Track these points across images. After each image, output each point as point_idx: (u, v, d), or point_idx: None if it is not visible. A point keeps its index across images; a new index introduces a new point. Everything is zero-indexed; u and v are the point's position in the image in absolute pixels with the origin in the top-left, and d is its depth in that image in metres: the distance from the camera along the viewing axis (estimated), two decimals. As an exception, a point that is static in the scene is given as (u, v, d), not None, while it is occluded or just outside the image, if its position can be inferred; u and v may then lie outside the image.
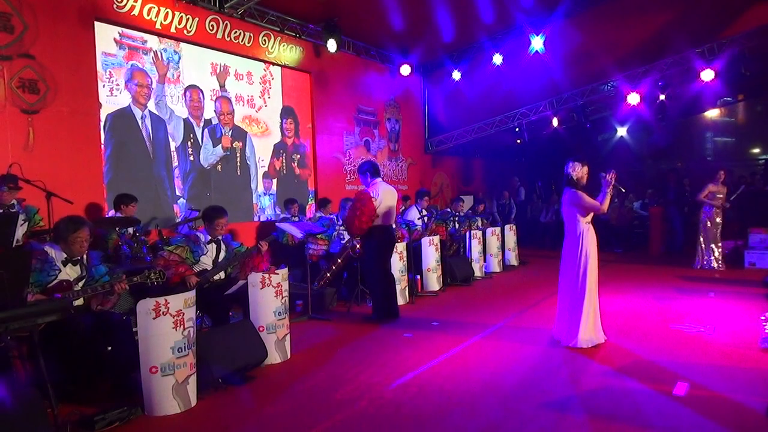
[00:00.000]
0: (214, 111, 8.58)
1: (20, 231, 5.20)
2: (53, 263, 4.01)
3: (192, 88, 8.23)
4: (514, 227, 10.82)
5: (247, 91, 9.15)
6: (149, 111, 7.62)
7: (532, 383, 4.19)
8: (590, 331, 5.00)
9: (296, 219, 8.19)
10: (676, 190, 12.28)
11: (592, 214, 5.10)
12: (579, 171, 5.08)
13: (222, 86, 8.70)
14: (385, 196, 6.19)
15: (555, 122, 13.22)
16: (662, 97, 12.67)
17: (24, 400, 3.02)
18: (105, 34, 7.08)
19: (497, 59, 11.21)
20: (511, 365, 4.63)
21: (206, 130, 8.44)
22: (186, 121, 8.12)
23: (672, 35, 10.29)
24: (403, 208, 10.04)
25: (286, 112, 9.93)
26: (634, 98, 11.44)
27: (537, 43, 10.47)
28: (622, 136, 16.71)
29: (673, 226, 12.10)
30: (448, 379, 4.32)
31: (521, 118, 12.71)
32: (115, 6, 7.06)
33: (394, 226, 6.52)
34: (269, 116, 9.57)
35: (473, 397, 3.92)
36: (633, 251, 12.35)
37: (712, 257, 9.45)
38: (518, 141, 14.11)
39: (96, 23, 6.93)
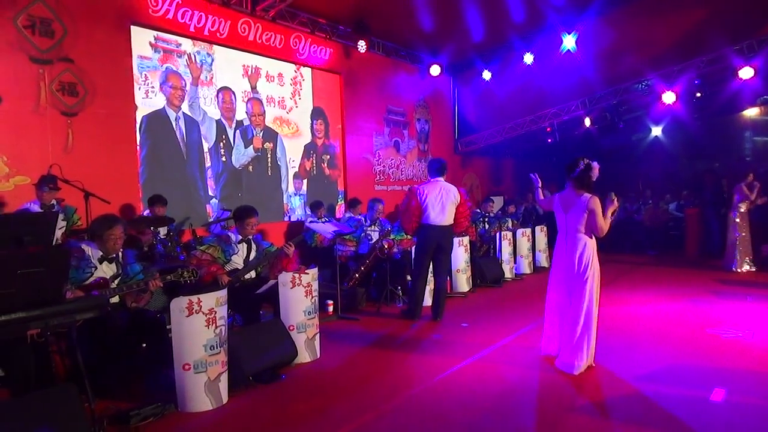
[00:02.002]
0: (246, 112, 8.70)
1: (59, 230, 5.36)
2: (90, 261, 4.12)
3: (224, 89, 8.36)
4: (545, 228, 10.69)
5: (278, 93, 9.24)
6: (183, 113, 7.77)
7: (562, 387, 4.14)
8: (591, 355, 4.45)
9: (323, 221, 8.24)
10: (713, 191, 11.96)
11: None
12: (597, 173, 4.49)
13: (253, 88, 8.82)
14: (432, 194, 6.19)
15: (587, 122, 13.02)
16: (698, 95, 12.35)
17: (62, 394, 3.11)
18: (141, 38, 7.24)
19: (528, 58, 11.09)
20: (541, 368, 4.57)
21: (238, 131, 8.56)
22: (218, 122, 8.26)
23: (709, 32, 10.02)
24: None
25: (317, 113, 10.00)
26: (669, 97, 11.20)
27: (569, 41, 10.33)
28: (656, 136, 16.35)
29: (709, 228, 11.79)
30: (477, 381, 4.30)
31: (553, 118, 12.55)
32: (150, 10, 7.22)
33: (444, 225, 6.27)
34: (300, 117, 9.66)
35: (502, 400, 3.88)
36: (668, 253, 12.08)
37: (744, 259, 9.26)
38: (549, 141, 13.93)
39: (132, 27, 7.10)
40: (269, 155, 9.09)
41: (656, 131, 16.21)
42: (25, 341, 3.23)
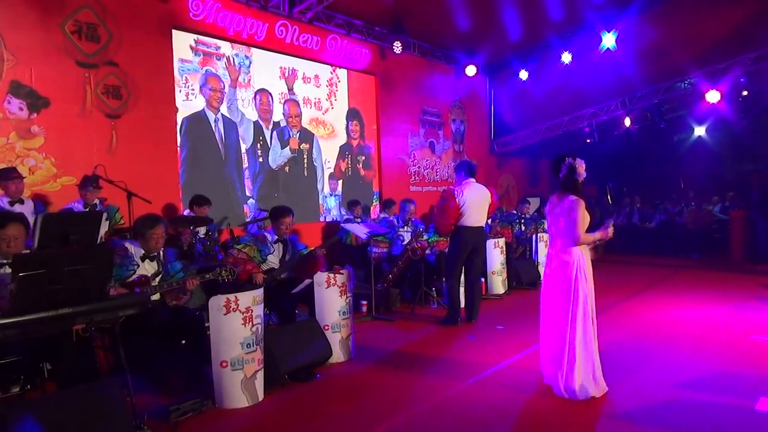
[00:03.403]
0: (283, 114, 8.81)
1: (102, 229, 5.53)
2: (132, 259, 4.24)
3: (262, 91, 8.49)
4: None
5: (315, 94, 9.33)
6: (222, 114, 7.92)
7: (600, 392, 4.05)
8: (588, 379, 3.85)
9: (359, 220, 8.28)
10: (760, 192, 11.54)
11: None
12: (583, 172, 4.00)
13: (290, 89, 8.92)
14: (471, 196, 6.12)
15: (627, 122, 12.73)
16: (745, 93, 11.96)
17: (106, 388, 3.21)
18: (182, 42, 7.42)
19: (566, 58, 10.92)
20: (578, 372, 4.49)
21: (275, 132, 8.68)
22: (256, 123, 8.39)
23: (756, 28, 9.69)
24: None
25: (352, 114, 10.06)
26: (713, 96, 10.85)
27: (608, 40, 10.13)
28: (700, 136, 15.88)
29: (756, 232, 11.38)
30: (512, 384, 4.25)
31: (591, 118, 12.33)
32: (191, 14, 7.39)
33: (482, 226, 6.33)
34: (335, 118, 9.73)
35: (538, 405, 3.83)
36: (711, 257, 11.72)
37: None
38: (588, 141, 13.67)
39: (173, 31, 7.27)
40: (305, 156, 9.18)
41: (699, 131, 15.73)
42: (71, 336, 3.35)
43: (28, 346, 3.39)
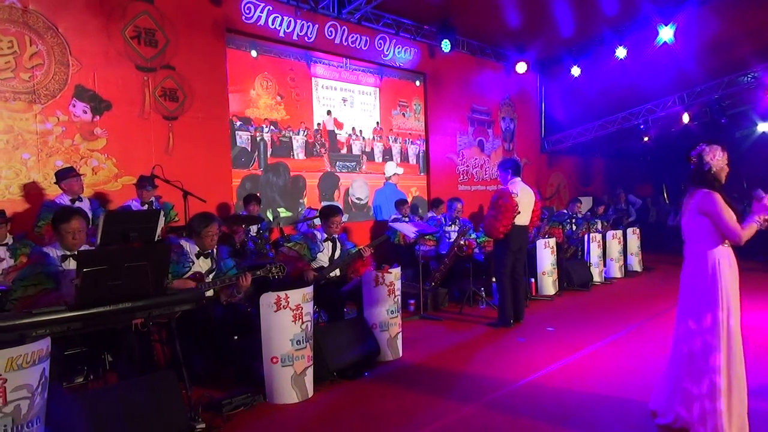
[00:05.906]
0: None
1: (159, 226, 5.71)
2: (188, 256, 4.37)
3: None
4: (638, 231, 10.19)
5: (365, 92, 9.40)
6: (273, 115, 8.08)
7: (655, 397, 3.92)
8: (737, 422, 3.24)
9: (407, 220, 8.28)
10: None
11: None
12: (719, 160, 3.34)
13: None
14: (522, 195, 6.03)
15: (686, 118, 12.25)
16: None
17: (163, 380, 3.33)
18: (235, 45, 7.60)
19: (621, 53, 10.59)
20: (631, 378, 4.36)
21: (324, 132, 8.79)
22: (306, 123, 8.51)
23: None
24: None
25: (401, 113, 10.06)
26: (780, 90, 10.35)
27: (666, 33, 9.76)
28: (764, 132, 15.13)
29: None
30: (563, 388, 4.17)
31: (647, 115, 11.94)
32: (243, 17, 7.56)
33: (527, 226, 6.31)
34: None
35: (591, 410, 3.74)
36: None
37: None
38: (645, 138, 13.22)
39: (227, 34, 7.45)
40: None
41: (764, 127, 15.00)
42: (131, 330, 3.49)
43: (90, 338, 3.55)
